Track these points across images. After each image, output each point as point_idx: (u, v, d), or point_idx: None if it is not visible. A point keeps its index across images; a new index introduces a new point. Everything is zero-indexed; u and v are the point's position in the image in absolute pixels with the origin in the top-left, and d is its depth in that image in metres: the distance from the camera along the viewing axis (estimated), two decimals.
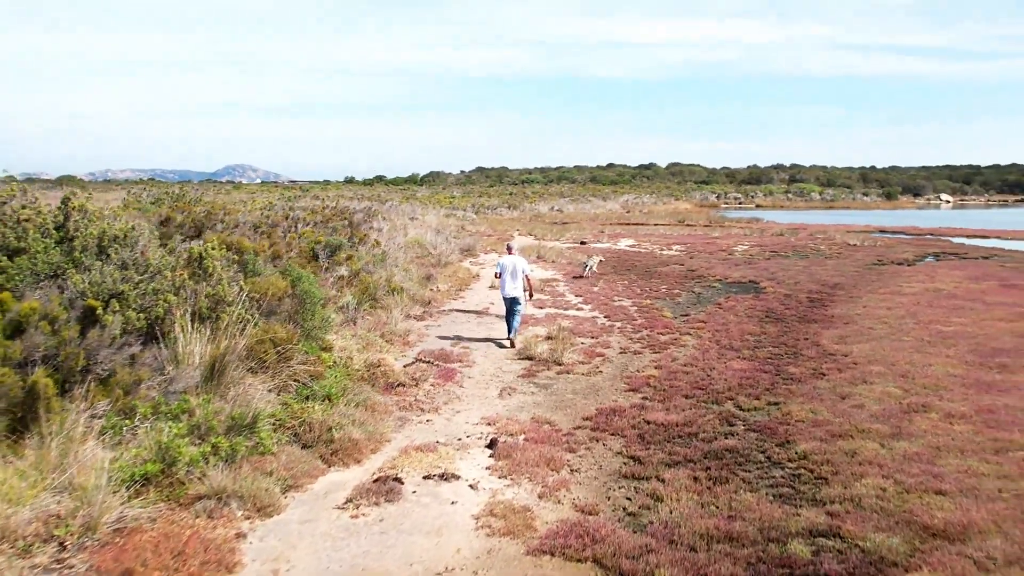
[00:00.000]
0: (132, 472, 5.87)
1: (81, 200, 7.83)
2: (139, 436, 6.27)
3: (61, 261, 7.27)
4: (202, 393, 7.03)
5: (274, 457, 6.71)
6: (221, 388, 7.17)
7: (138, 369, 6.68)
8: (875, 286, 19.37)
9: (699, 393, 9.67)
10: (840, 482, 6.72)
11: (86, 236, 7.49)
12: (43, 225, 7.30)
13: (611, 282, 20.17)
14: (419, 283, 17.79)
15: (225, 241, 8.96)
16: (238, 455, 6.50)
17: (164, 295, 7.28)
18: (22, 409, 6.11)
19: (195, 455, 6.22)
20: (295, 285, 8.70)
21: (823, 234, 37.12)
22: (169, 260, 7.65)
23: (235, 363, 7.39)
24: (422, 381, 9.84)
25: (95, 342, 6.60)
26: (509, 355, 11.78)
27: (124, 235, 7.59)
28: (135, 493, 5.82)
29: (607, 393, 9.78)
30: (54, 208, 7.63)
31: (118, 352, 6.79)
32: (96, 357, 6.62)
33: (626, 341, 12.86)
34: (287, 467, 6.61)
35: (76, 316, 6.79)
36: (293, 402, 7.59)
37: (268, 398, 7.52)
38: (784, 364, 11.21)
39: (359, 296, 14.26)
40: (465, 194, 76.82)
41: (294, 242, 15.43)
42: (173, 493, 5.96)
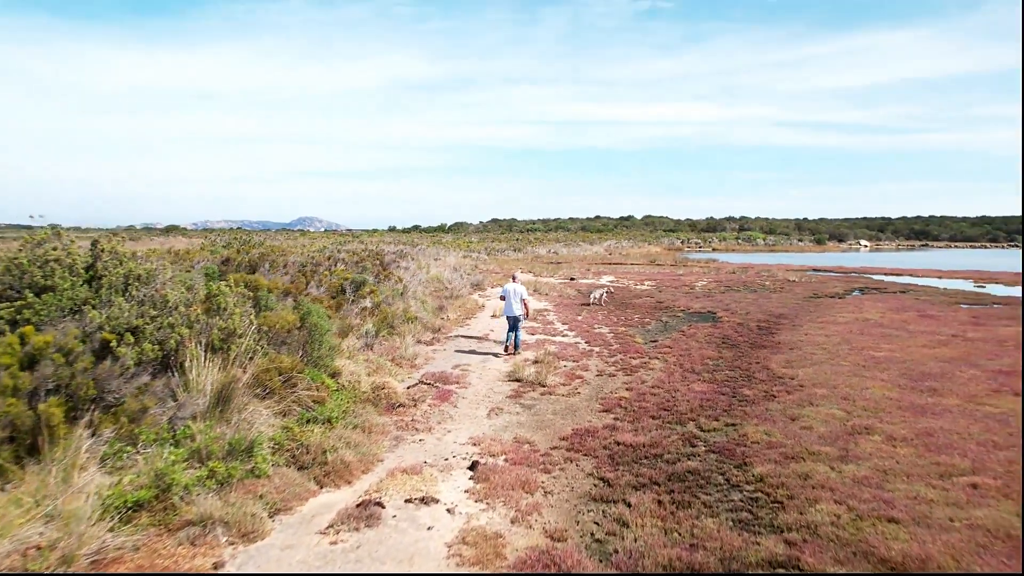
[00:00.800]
0: (125, 498, 4.87)
1: (113, 243, 6.91)
2: (139, 462, 5.28)
3: (88, 297, 6.34)
4: (209, 419, 6.05)
5: (268, 480, 5.69)
6: (227, 414, 6.17)
7: (145, 398, 5.69)
8: (813, 316, 18.22)
9: (665, 414, 8.59)
10: (796, 507, 5.62)
11: (113, 276, 6.55)
12: (72, 265, 6.38)
13: (593, 312, 19.11)
14: (432, 313, 16.80)
15: (244, 280, 8.05)
16: (234, 479, 5.49)
17: (178, 328, 6.33)
18: (31, 436, 5.15)
19: (190, 480, 5.22)
20: (305, 319, 7.75)
21: (767, 272, 35.95)
22: (186, 296, 6.70)
23: (242, 390, 6.40)
24: (420, 402, 8.81)
25: (106, 373, 5.64)
26: (501, 377, 10.73)
27: (147, 275, 6.66)
28: (127, 519, 4.82)
29: (583, 414, 8.71)
30: (85, 250, 6.71)
31: (129, 382, 5.83)
32: (107, 387, 5.65)
33: (603, 364, 11.79)
34: (279, 489, 5.58)
35: (93, 349, 5.85)
36: (294, 426, 6.58)
37: (271, 422, 6.52)
38: (739, 386, 10.11)
39: (378, 325, 13.29)
40: (481, 239, 76.06)
41: (325, 279, 14.51)
42: (165, 518, 4.95)
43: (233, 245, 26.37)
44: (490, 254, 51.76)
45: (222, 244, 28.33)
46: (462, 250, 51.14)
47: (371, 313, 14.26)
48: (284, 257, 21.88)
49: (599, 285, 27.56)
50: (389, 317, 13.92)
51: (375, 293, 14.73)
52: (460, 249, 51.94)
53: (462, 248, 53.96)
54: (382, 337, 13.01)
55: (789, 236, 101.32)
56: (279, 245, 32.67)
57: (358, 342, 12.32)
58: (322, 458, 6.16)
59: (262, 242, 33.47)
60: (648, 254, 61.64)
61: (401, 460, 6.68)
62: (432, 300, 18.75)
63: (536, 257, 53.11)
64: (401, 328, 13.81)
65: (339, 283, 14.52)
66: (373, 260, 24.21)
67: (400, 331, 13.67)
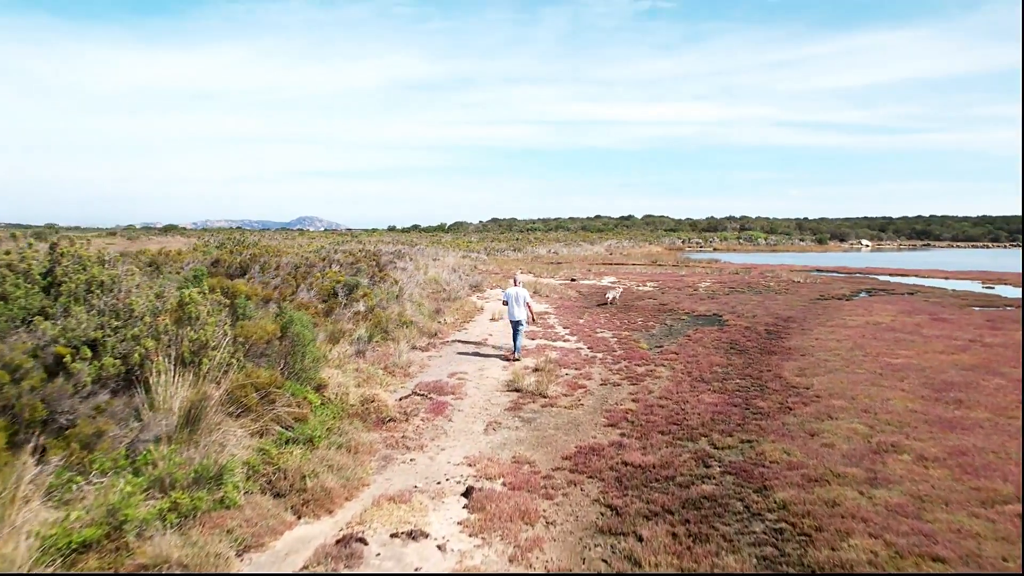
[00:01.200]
0: (71, 538, 4.29)
1: (76, 246, 6.31)
2: (90, 495, 4.69)
3: (45, 306, 5.75)
4: (176, 441, 5.46)
5: (239, 511, 5.10)
6: (196, 435, 5.59)
7: (101, 420, 5.11)
8: (822, 319, 17.63)
9: (674, 429, 8.01)
10: (826, 541, 5.04)
11: (74, 283, 5.96)
12: (28, 271, 5.79)
13: (594, 315, 18.52)
14: (429, 316, 16.21)
15: (221, 285, 7.46)
16: (200, 511, 4.90)
17: (143, 340, 5.74)
18: None
19: (149, 514, 4.62)
20: (287, 328, 7.16)
21: (771, 273, 35.36)
22: (154, 305, 6.10)
23: (214, 408, 5.81)
24: (413, 416, 8.22)
25: (58, 391, 5.05)
26: (499, 386, 10.14)
27: (111, 281, 6.07)
28: (70, 563, 4.23)
29: (587, 428, 8.13)
30: (42, 255, 6.12)
31: (85, 401, 5.24)
32: (59, 407, 5.07)
33: (606, 372, 11.20)
34: (251, 522, 5.00)
35: (45, 364, 5.26)
36: (271, 447, 5.99)
37: (246, 443, 5.93)
38: (752, 397, 9.53)
39: (371, 330, 12.70)
40: (481, 239, 75.47)
41: (317, 282, 13.92)
42: (116, 560, 4.36)
43: (226, 246, 25.76)
44: (490, 254, 51.17)
45: (215, 244, 27.74)
46: (461, 250, 50.56)
47: (364, 317, 13.68)
48: (277, 258, 21.29)
49: (608, 287, 27.00)
50: (383, 322, 13.34)
51: (369, 296, 14.15)
52: (459, 249, 51.37)
53: (461, 248, 53.38)
54: (375, 343, 12.43)
55: (790, 236, 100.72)
56: (274, 245, 32.10)
57: (350, 348, 11.74)
58: (301, 484, 5.58)
59: (256, 242, 32.86)
60: (649, 254, 61.06)
61: (389, 484, 6.10)
62: (429, 303, 18.16)
63: (536, 257, 52.53)
64: (396, 333, 13.23)
65: (331, 286, 13.94)
66: (369, 261, 23.62)
67: (394, 336, 13.09)
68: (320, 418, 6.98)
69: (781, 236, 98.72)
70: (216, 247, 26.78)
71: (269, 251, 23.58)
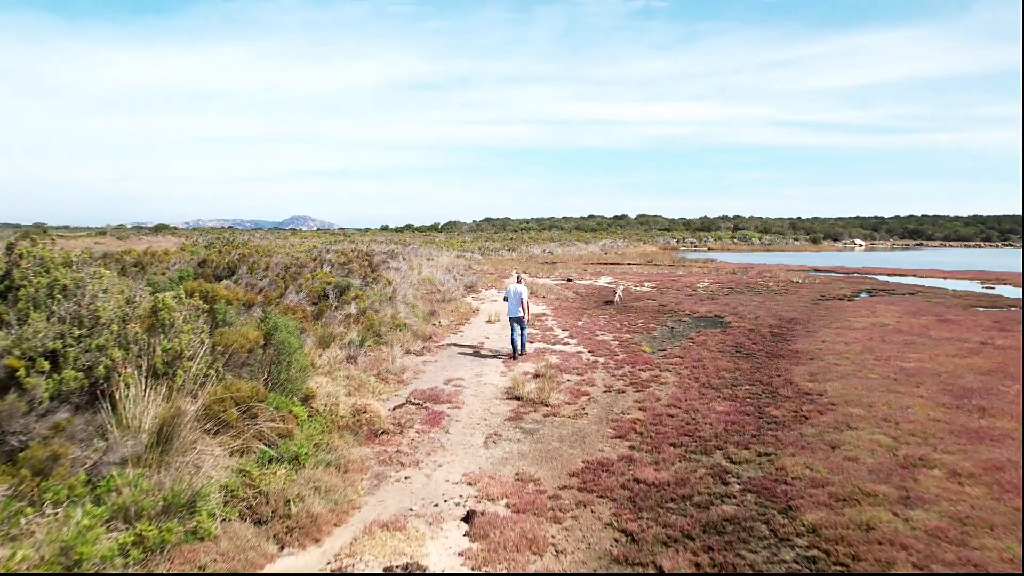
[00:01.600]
0: None
1: (39, 247, 5.75)
2: (42, 528, 4.14)
3: (0, 314, 5.19)
4: (145, 463, 4.91)
5: (215, 542, 4.56)
6: (169, 456, 5.04)
7: (58, 441, 4.55)
8: (826, 320, 17.20)
9: (686, 440, 7.52)
10: (867, 573, 4.55)
11: (33, 286, 5.40)
12: None
13: (594, 316, 18.02)
14: (423, 319, 15.67)
15: (200, 289, 6.91)
16: (169, 544, 4.35)
17: (110, 351, 5.19)
18: None
19: (109, 550, 4.08)
20: (271, 335, 6.62)
21: (769, 272, 34.99)
22: (123, 311, 5.54)
23: (189, 425, 5.27)
24: (407, 427, 7.69)
25: (8, 409, 4.50)
26: (498, 394, 9.63)
27: (75, 285, 5.51)
28: None
29: (593, 440, 7.62)
30: None
31: (42, 420, 4.69)
32: (10, 427, 4.52)
33: (610, 378, 10.70)
34: (227, 555, 4.46)
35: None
36: (253, 468, 5.45)
37: (225, 463, 5.38)
38: (764, 405, 9.05)
39: (363, 333, 12.15)
40: (475, 239, 74.91)
41: (307, 283, 13.36)
42: None
43: (214, 245, 25.09)
44: (484, 254, 50.64)
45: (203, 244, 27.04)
46: (455, 250, 50.00)
47: (356, 320, 13.13)
48: (267, 258, 20.68)
49: (605, 287, 26.55)
50: (376, 324, 12.79)
51: (361, 298, 13.60)
52: (453, 249, 50.81)
53: (455, 248, 52.83)
54: (367, 347, 11.89)
55: (784, 235, 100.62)
56: (264, 245, 31.46)
57: (340, 353, 11.19)
58: (285, 510, 5.04)
59: (246, 242, 32.18)
60: (644, 253, 60.67)
61: (382, 508, 5.57)
62: (423, 304, 17.62)
63: (531, 257, 52.03)
64: (389, 336, 12.69)
65: (321, 287, 13.38)
66: (361, 261, 23.06)
67: (388, 340, 12.55)
68: (307, 432, 6.44)
69: (775, 236, 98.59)
70: (204, 247, 26.13)
71: (259, 251, 22.99)
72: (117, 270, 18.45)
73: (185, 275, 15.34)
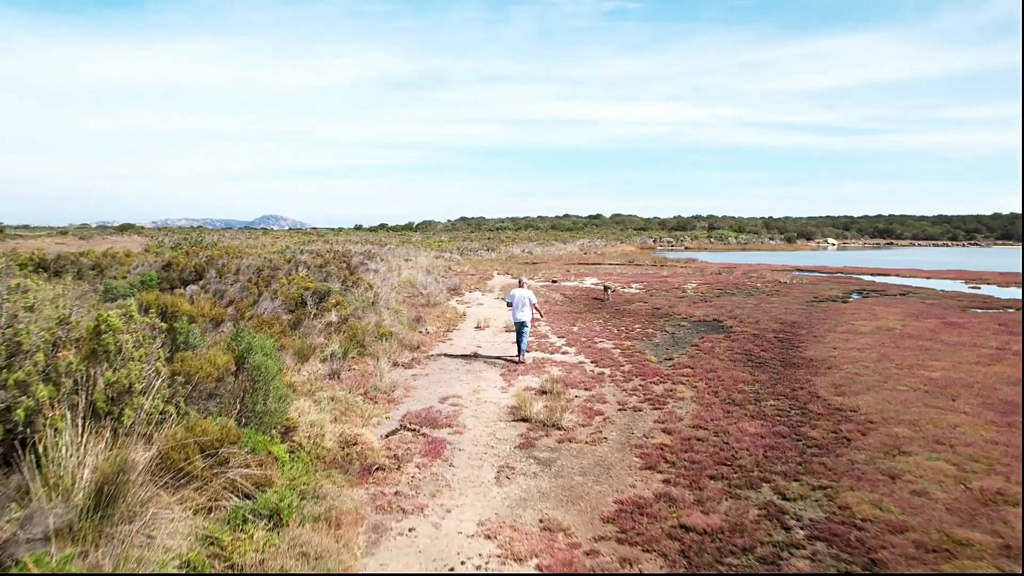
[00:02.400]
0: None
1: None
2: None
3: None
4: (78, 536, 3.78)
5: None
6: (111, 525, 3.91)
7: None
8: (829, 324, 16.49)
9: (726, 471, 6.58)
10: None
11: None
12: None
13: (588, 321, 17.08)
14: (408, 326, 14.55)
15: (157, 303, 5.75)
16: None
17: (34, 388, 4.04)
18: None
19: None
20: (244, 358, 5.50)
21: (755, 273, 34.49)
22: (53, 335, 4.38)
23: (140, 480, 4.14)
24: (405, 461, 6.61)
25: None
26: (502, 414, 8.59)
27: None
28: None
29: (620, 472, 6.64)
30: None
31: None
32: None
33: (621, 393, 9.74)
34: None
35: None
36: (223, 532, 4.32)
37: (187, 527, 4.26)
38: (797, 424, 8.17)
39: (346, 344, 11.02)
40: (451, 239, 73.68)
41: (282, 289, 12.15)
42: None
43: (182, 246, 23.46)
44: (463, 254, 49.50)
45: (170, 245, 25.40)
46: (433, 250, 48.79)
47: (337, 329, 11.98)
48: (238, 260, 19.32)
49: (591, 288, 25.68)
50: (359, 334, 11.66)
51: (342, 305, 12.44)
52: (431, 249, 49.59)
53: (433, 248, 51.61)
54: (351, 359, 10.76)
55: (759, 234, 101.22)
56: (235, 246, 29.91)
57: (322, 367, 10.06)
58: None
59: (216, 243, 30.50)
60: (624, 253, 60.11)
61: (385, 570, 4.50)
62: (407, 310, 16.50)
63: (511, 257, 51.05)
64: (374, 347, 11.57)
65: (298, 293, 12.19)
66: (339, 263, 21.80)
67: (373, 351, 11.43)
68: (289, 475, 5.33)
69: (750, 235, 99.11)
70: (170, 248, 24.55)
71: (229, 252, 21.58)
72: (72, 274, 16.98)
73: (148, 279, 14.01)
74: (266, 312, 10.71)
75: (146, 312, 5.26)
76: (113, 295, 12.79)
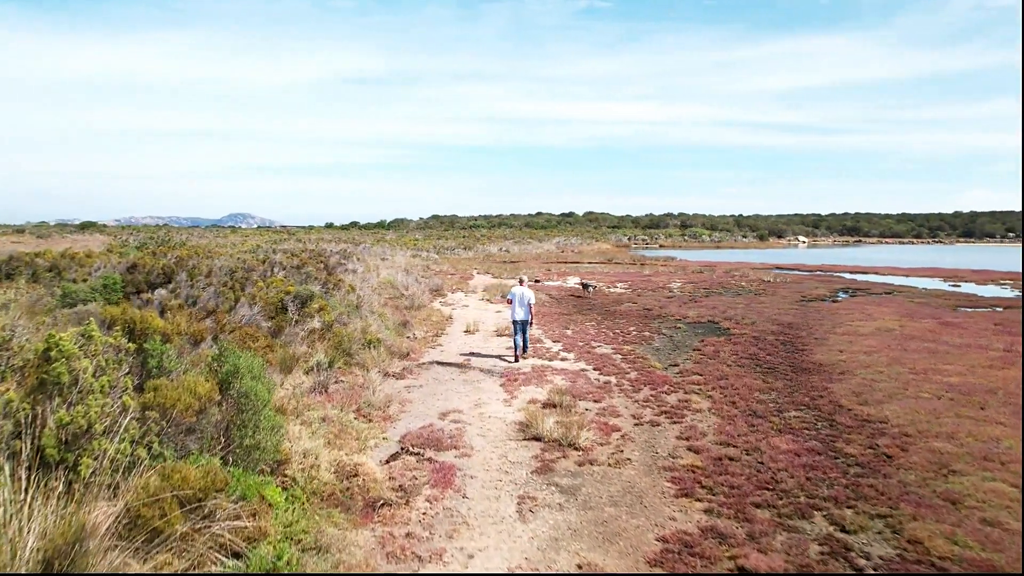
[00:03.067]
0: None
1: None
2: None
3: None
4: None
5: None
6: None
7: None
8: (826, 325, 16.05)
9: (770, 497, 5.92)
10: None
11: None
12: None
13: (580, 324, 16.39)
14: (395, 331, 13.68)
15: (124, 318, 4.83)
16: None
17: None
18: None
19: None
20: (229, 383, 4.63)
21: (737, 271, 34.25)
22: None
23: (102, 546, 3.28)
24: (413, 494, 5.80)
25: None
26: (510, 430, 7.82)
27: None
28: None
29: (654, 501, 5.93)
30: None
31: None
32: None
33: (633, 405, 9.04)
34: None
35: None
36: None
37: None
38: (828, 438, 7.58)
39: (332, 353, 10.14)
40: (426, 237, 72.51)
41: (260, 293, 11.19)
42: None
43: (148, 246, 22.00)
44: (440, 253, 48.51)
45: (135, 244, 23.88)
46: (409, 249, 47.70)
47: (321, 336, 11.07)
48: (209, 261, 18.17)
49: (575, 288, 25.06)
50: (345, 342, 10.77)
51: (326, 310, 11.53)
52: (407, 248, 48.49)
53: (409, 246, 50.51)
54: (338, 369, 9.89)
55: (731, 232, 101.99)
56: (204, 245, 28.48)
57: (307, 379, 9.18)
58: None
59: (184, 242, 28.99)
60: (601, 252, 59.71)
61: None
62: (392, 313, 15.60)
63: (488, 256, 50.23)
64: (362, 356, 10.69)
65: (278, 298, 11.24)
66: (316, 263, 20.76)
67: (360, 360, 10.56)
68: (285, 520, 4.49)
69: (723, 233, 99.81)
70: (136, 247, 23.15)
71: (199, 252, 20.37)
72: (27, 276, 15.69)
73: (111, 283, 12.89)
74: (244, 320, 9.76)
75: (110, 330, 4.36)
76: (72, 300, 11.69)
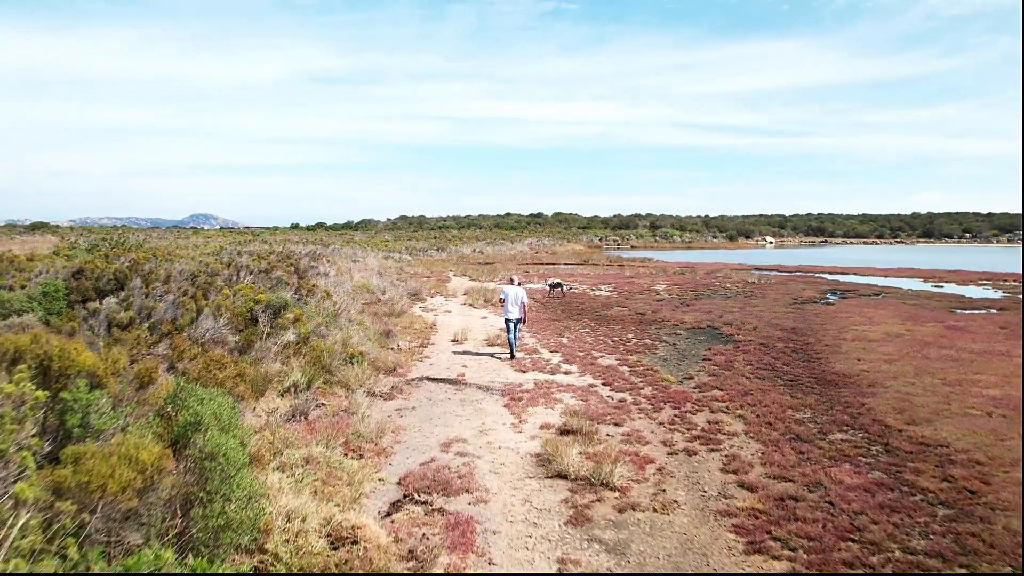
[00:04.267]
0: None
1: None
2: None
3: None
4: None
5: None
6: None
7: None
8: (832, 330, 15.26)
9: (859, 552, 4.88)
10: None
11: None
12: None
13: (574, 331, 15.29)
14: (378, 342, 12.36)
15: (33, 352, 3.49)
16: None
17: None
18: None
19: None
20: (186, 440, 3.34)
21: (718, 272, 33.60)
22: None
23: None
24: (428, 563, 4.58)
25: None
26: (527, 466, 6.65)
27: None
28: None
29: (722, 560, 4.83)
30: None
31: None
32: None
33: (659, 429, 7.95)
34: None
35: None
36: None
37: None
38: (892, 467, 6.61)
39: (310, 371, 8.84)
40: (396, 238, 70.68)
41: (226, 303, 9.78)
42: None
43: (100, 247, 20.08)
44: (412, 254, 46.99)
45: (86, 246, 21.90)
46: (380, 250, 46.07)
47: (296, 351, 9.73)
48: (168, 265, 16.54)
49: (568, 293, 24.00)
50: (324, 357, 9.46)
51: (302, 321, 10.18)
52: (378, 249, 46.86)
53: (380, 248, 48.85)
54: (317, 390, 8.60)
55: (700, 233, 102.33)
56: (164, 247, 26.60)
57: (282, 403, 7.89)
58: None
59: (141, 243, 26.92)
60: (575, 252, 58.83)
61: None
62: (371, 321, 14.26)
63: (462, 257, 48.88)
64: (343, 372, 9.40)
65: (247, 308, 9.86)
66: (286, 266, 19.23)
67: (343, 377, 9.27)
68: None
69: (692, 233, 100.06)
70: (86, 249, 21.24)
71: (157, 255, 18.66)
72: None
73: (51, 290, 11.30)
74: (208, 334, 8.39)
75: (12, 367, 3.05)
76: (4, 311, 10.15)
